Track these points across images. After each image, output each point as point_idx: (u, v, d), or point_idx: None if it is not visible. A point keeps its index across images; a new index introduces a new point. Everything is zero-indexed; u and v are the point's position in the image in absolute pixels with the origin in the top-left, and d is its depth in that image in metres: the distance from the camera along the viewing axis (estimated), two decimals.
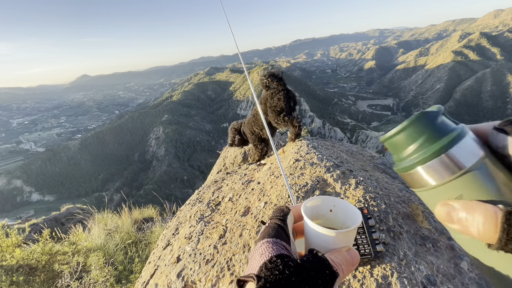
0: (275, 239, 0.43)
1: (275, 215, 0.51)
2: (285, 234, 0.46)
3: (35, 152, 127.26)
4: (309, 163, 1.87)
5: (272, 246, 0.42)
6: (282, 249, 0.42)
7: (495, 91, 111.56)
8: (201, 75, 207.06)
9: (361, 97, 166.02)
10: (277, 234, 0.45)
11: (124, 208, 4.50)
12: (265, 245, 0.42)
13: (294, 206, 0.54)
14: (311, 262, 0.39)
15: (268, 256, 0.40)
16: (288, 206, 0.54)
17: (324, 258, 0.40)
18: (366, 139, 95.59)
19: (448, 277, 1.05)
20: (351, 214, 0.49)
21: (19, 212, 73.02)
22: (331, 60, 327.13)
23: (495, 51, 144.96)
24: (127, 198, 5.49)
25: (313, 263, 0.38)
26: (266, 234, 0.45)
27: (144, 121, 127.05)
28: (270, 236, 0.44)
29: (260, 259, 0.40)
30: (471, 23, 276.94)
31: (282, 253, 0.41)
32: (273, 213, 0.53)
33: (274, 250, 0.41)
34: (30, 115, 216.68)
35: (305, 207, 0.50)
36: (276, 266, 0.37)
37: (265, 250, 0.41)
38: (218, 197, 2.19)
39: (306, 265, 0.38)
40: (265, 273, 0.36)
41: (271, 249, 0.41)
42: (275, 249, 0.41)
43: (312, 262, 0.39)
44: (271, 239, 0.43)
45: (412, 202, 1.46)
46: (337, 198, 0.53)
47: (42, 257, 2.65)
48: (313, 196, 0.54)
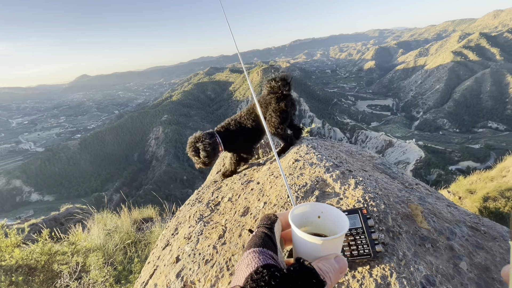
0: (261, 249, 0.43)
1: (262, 223, 0.51)
2: (272, 243, 0.45)
3: (34, 152, 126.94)
4: (309, 163, 1.86)
5: (258, 256, 0.41)
6: (269, 259, 0.41)
7: (495, 92, 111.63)
8: (201, 75, 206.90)
9: (361, 97, 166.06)
10: (263, 243, 0.44)
11: (124, 208, 4.50)
12: (251, 255, 0.42)
13: (282, 213, 0.53)
14: (297, 271, 0.38)
15: (254, 266, 0.39)
16: (275, 214, 0.53)
17: (310, 267, 0.39)
18: (366, 139, 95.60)
19: (447, 277, 1.05)
20: (339, 220, 0.49)
21: (18, 212, 72.81)
22: (330, 60, 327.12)
23: (494, 51, 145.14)
24: (126, 198, 5.48)
25: (299, 273, 0.38)
26: (252, 244, 0.45)
27: (144, 121, 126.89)
28: (256, 246, 0.43)
29: (246, 270, 0.39)
30: (471, 23, 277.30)
31: (269, 263, 0.40)
32: (260, 221, 0.52)
33: (260, 260, 0.40)
34: (29, 115, 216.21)
35: (292, 214, 0.49)
36: (262, 277, 0.37)
37: (251, 261, 0.40)
38: (218, 197, 2.19)
39: (292, 274, 0.37)
40: (251, 284, 0.36)
41: (257, 259, 0.40)
42: (262, 259, 0.40)
43: (298, 271, 0.38)
44: (257, 249, 0.43)
45: (412, 202, 1.45)
46: (326, 204, 0.52)
47: (41, 257, 2.65)
48: (302, 203, 0.53)
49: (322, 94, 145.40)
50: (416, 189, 1.74)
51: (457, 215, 1.43)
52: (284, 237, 0.53)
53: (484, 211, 5.95)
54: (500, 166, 7.83)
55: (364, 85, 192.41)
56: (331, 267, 0.41)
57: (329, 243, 0.44)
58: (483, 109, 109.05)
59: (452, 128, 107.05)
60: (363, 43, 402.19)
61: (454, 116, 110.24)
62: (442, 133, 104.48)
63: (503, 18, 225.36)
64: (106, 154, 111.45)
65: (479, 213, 5.75)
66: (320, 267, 0.40)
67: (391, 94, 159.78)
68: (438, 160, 68.49)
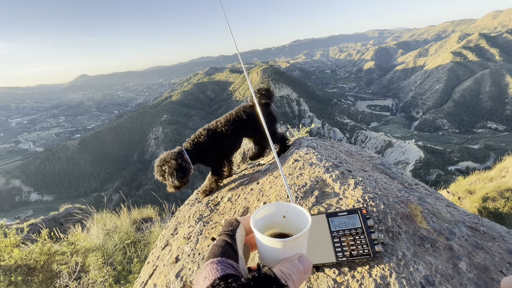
0: (220, 259, 0.41)
1: (224, 230, 0.49)
2: (233, 251, 0.44)
3: (33, 152, 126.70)
4: (308, 163, 1.86)
5: (216, 268, 0.40)
6: (228, 269, 0.40)
7: (494, 92, 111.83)
8: (201, 75, 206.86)
9: (360, 97, 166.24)
10: (223, 252, 0.43)
11: (123, 208, 4.49)
12: (209, 266, 0.40)
13: (245, 217, 0.52)
14: (256, 279, 0.37)
15: (211, 279, 0.38)
16: (237, 219, 0.52)
17: (270, 274, 0.38)
18: (365, 139, 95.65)
19: (447, 277, 1.05)
20: (303, 219, 0.48)
21: (18, 212, 72.69)
22: (330, 60, 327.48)
23: (494, 52, 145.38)
24: (126, 198, 5.48)
25: (259, 281, 0.37)
26: (211, 254, 0.43)
27: (143, 121, 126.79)
28: (215, 256, 0.42)
29: (204, 283, 0.38)
30: (470, 24, 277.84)
31: (227, 273, 0.39)
32: (222, 227, 0.50)
33: (218, 271, 0.39)
34: (29, 114, 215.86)
35: (253, 219, 0.48)
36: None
37: (208, 273, 0.39)
38: (217, 197, 2.19)
39: (251, 283, 0.36)
40: None
41: (215, 271, 0.39)
42: (220, 270, 0.39)
43: (258, 279, 0.37)
44: (216, 259, 0.41)
45: (411, 202, 1.45)
46: (290, 203, 0.51)
47: (41, 257, 2.64)
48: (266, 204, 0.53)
49: (321, 94, 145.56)
50: (416, 189, 1.74)
51: (457, 215, 1.43)
52: (250, 241, 0.52)
53: (484, 211, 5.96)
54: (499, 166, 7.85)
55: (363, 86, 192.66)
56: (294, 269, 0.40)
57: (291, 244, 0.43)
58: (482, 110, 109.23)
59: (451, 128, 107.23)
60: (362, 44, 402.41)
61: (453, 117, 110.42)
62: (442, 133, 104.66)
63: (503, 19, 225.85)
64: (105, 154, 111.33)
65: (479, 213, 5.76)
66: (282, 270, 0.40)
67: (391, 94, 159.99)
68: (438, 160, 68.56)
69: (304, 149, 2.13)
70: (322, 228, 1.15)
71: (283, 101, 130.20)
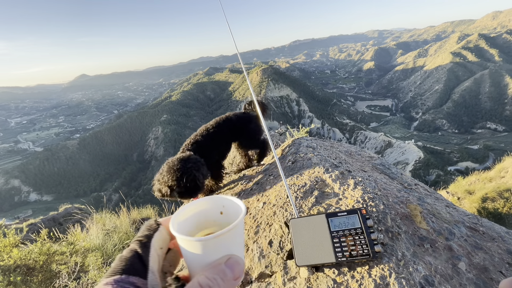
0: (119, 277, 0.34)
1: (137, 236, 0.41)
2: (141, 264, 0.36)
3: (33, 152, 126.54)
4: (308, 164, 1.86)
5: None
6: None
7: (493, 93, 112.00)
8: (200, 75, 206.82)
9: (360, 97, 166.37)
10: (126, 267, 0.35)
11: (123, 208, 4.48)
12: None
13: (167, 218, 0.42)
14: None
15: None
16: (158, 221, 0.43)
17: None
18: (365, 139, 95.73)
19: (446, 277, 1.05)
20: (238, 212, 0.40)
21: (17, 212, 72.63)
22: (330, 60, 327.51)
23: (493, 52, 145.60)
24: (125, 198, 5.47)
25: None
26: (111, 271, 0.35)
27: (143, 121, 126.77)
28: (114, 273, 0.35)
29: None
30: (470, 24, 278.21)
31: None
32: (139, 231, 0.42)
33: None
34: (28, 114, 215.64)
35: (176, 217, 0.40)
36: None
37: None
38: None
39: None
40: None
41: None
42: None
43: None
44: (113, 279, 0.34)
45: (411, 202, 1.45)
46: (225, 196, 0.43)
47: (40, 257, 2.64)
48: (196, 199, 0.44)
49: (321, 94, 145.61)
50: (415, 189, 1.74)
51: (456, 216, 1.43)
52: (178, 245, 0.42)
53: (483, 212, 5.97)
54: (499, 166, 7.86)
55: (363, 86, 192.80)
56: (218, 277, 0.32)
57: (213, 243, 0.34)
58: (482, 110, 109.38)
59: (451, 128, 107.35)
60: (362, 44, 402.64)
61: (453, 117, 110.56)
62: (441, 133, 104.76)
63: (502, 19, 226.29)
64: (105, 154, 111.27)
65: (478, 214, 5.76)
66: (200, 282, 0.32)
67: (390, 94, 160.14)
68: (437, 160, 68.62)
69: (304, 149, 2.13)
70: (322, 228, 1.16)
71: (282, 101, 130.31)
